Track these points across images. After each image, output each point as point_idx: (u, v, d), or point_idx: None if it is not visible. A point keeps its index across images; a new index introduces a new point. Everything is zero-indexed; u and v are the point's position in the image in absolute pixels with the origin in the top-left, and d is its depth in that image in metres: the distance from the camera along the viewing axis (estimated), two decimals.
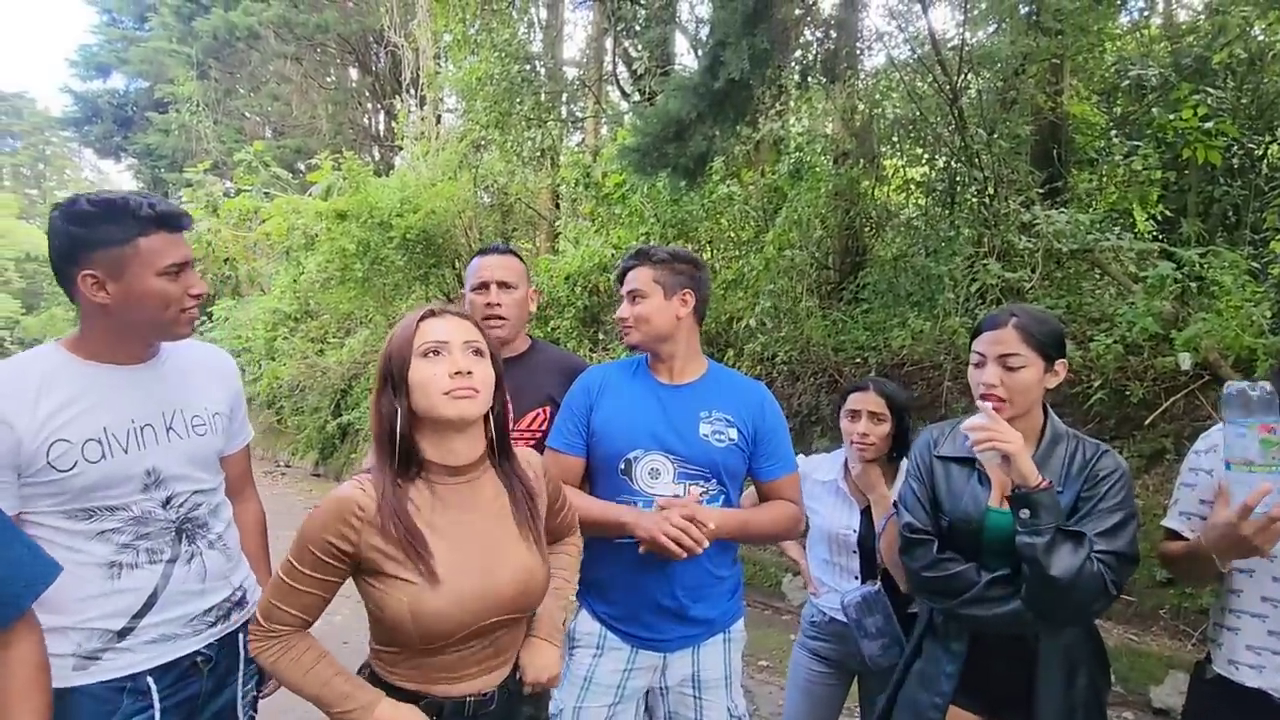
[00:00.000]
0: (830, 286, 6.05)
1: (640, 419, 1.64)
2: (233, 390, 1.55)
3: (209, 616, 1.40)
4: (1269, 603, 1.23)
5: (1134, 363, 3.91)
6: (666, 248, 1.73)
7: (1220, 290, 3.86)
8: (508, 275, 1.92)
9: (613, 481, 1.63)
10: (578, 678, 1.63)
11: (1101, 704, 1.47)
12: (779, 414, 1.73)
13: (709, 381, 1.71)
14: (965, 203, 5.53)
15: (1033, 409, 1.48)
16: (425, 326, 1.17)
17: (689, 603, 1.61)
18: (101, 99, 19.53)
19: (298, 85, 15.88)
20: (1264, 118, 5.31)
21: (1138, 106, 5.73)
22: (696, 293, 1.69)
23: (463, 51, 8.67)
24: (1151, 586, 3.47)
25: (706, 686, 1.65)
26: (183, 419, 1.39)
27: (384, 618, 1.13)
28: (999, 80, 5.37)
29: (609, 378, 1.73)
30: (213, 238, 10.61)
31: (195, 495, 1.40)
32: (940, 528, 1.51)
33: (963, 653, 1.49)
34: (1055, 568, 1.29)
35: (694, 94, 4.23)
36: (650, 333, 1.66)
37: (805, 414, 5.40)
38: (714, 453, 1.62)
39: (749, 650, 3.81)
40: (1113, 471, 1.40)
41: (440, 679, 1.18)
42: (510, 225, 10.05)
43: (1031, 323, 1.45)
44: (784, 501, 1.70)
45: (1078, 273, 4.76)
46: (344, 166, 8.58)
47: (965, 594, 1.41)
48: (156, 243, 1.25)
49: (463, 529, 1.18)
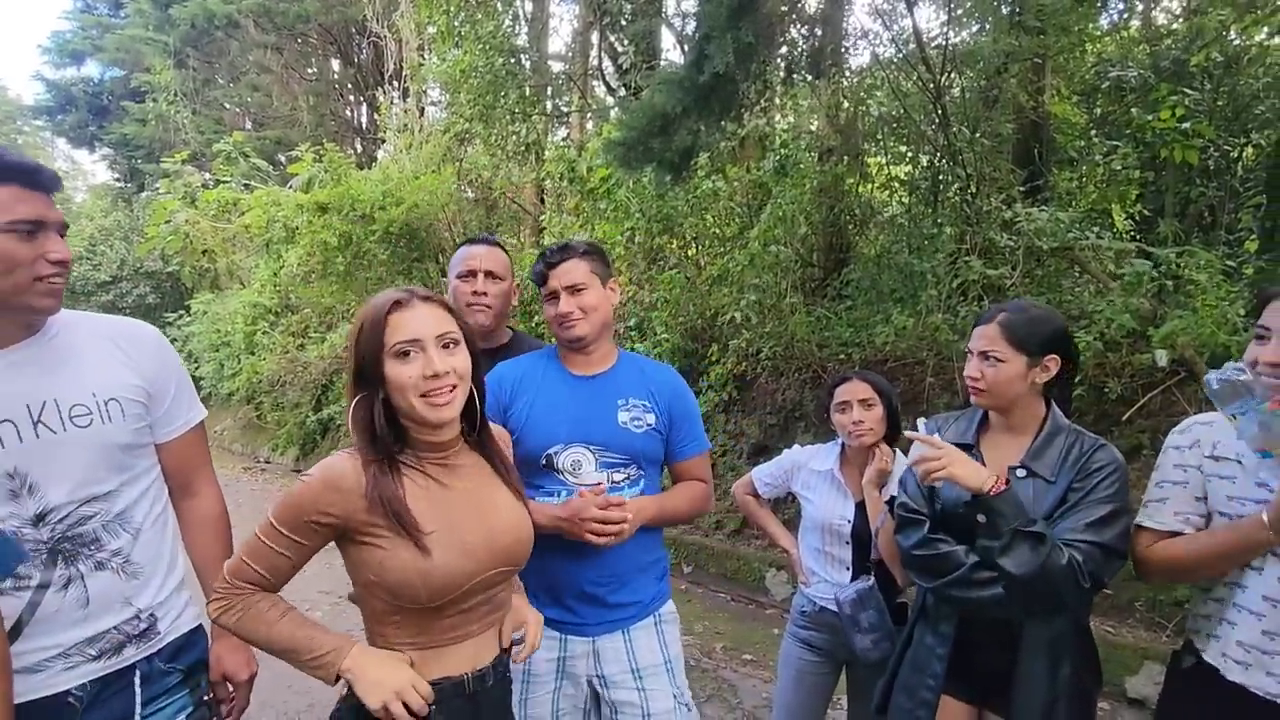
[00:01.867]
0: (814, 283, 6.07)
1: (559, 413, 1.64)
2: (156, 368, 1.33)
3: (90, 648, 1.19)
4: (1269, 602, 1.23)
5: (1112, 359, 3.96)
6: (581, 240, 1.74)
7: (1196, 289, 3.93)
8: (495, 266, 1.95)
9: (538, 476, 1.64)
10: (516, 672, 1.62)
11: (1087, 698, 1.48)
12: (690, 396, 1.79)
13: (621, 369, 1.73)
14: (948, 200, 5.58)
15: (1022, 401, 1.51)
16: (394, 321, 1.13)
17: (611, 589, 1.63)
18: (75, 87, 19.07)
19: (278, 76, 15.62)
20: (1239, 120, 5.41)
21: (1117, 107, 5.81)
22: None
23: (446, 43, 8.56)
24: (1127, 580, 3.52)
25: (647, 674, 1.64)
26: (56, 411, 1.17)
27: (388, 580, 1.11)
28: (982, 79, 5.41)
29: (521, 374, 1.70)
30: (191, 229, 10.42)
31: (83, 506, 1.20)
32: (934, 511, 1.54)
33: (951, 635, 1.53)
34: (1015, 568, 1.32)
35: (679, 88, 4.22)
36: (598, 322, 1.67)
37: (789, 409, 5.42)
38: (634, 439, 1.64)
39: (732, 644, 3.86)
40: (1106, 464, 1.41)
41: (443, 643, 1.18)
42: (494, 220, 9.96)
43: (1017, 321, 1.48)
44: (695, 481, 1.76)
45: (1058, 270, 4.81)
46: (325, 158, 8.46)
47: (953, 574, 1.43)
48: (3, 195, 1.08)
49: (454, 492, 1.20)
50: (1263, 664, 1.22)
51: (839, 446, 2.07)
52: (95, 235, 16.53)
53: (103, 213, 17.68)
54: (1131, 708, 3.18)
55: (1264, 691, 1.22)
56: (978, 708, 1.55)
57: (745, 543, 4.94)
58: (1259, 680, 1.22)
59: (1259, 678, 1.22)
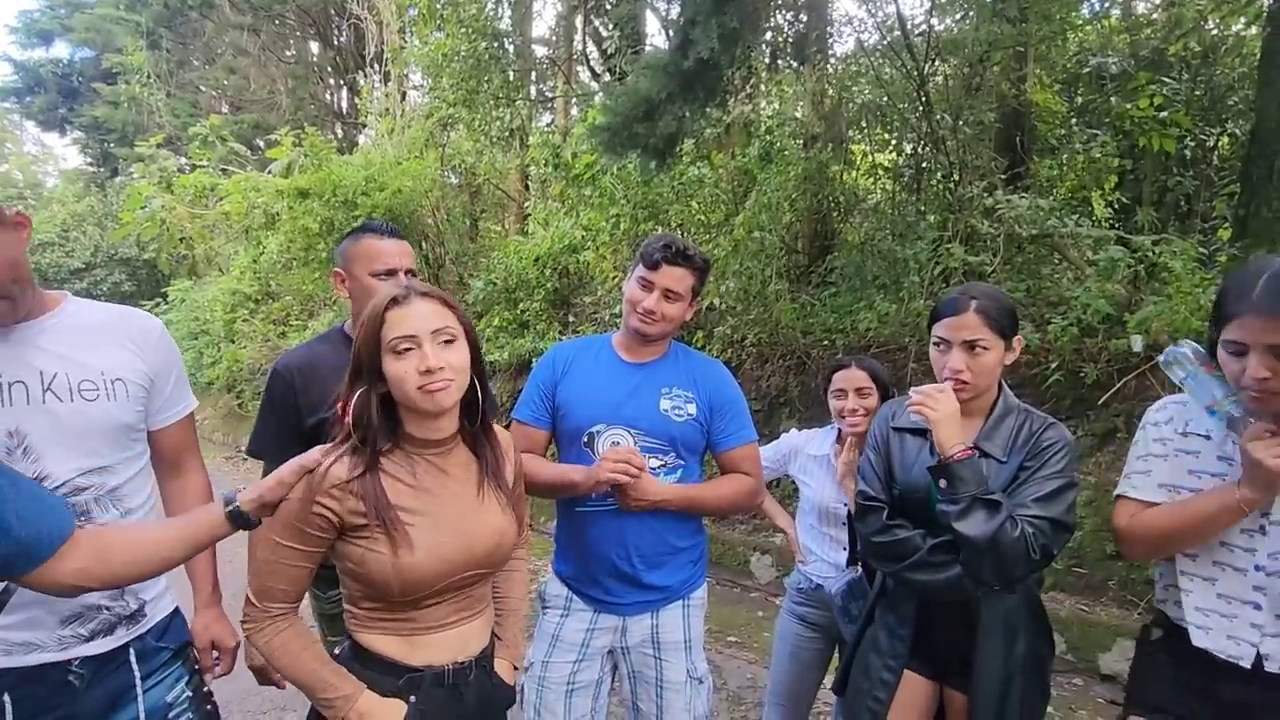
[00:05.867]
0: (799, 270, 6.10)
1: (603, 395, 1.71)
2: (156, 357, 1.40)
3: (82, 628, 1.25)
4: (1219, 566, 1.28)
5: (1089, 345, 4.03)
6: (699, 251, 1.75)
7: (1171, 276, 4.00)
8: (411, 262, 1.79)
9: (577, 453, 1.71)
10: (546, 635, 1.75)
11: (1042, 669, 1.53)
12: (736, 389, 1.82)
13: (669, 360, 1.79)
14: (931, 188, 5.62)
15: (991, 386, 1.53)
16: (391, 317, 1.15)
17: (644, 569, 1.69)
18: (44, 68, 18.60)
19: (255, 58, 15.30)
20: (1215, 110, 5.50)
21: (1097, 96, 5.88)
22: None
23: (428, 26, 8.44)
24: (1101, 559, 3.62)
25: (666, 648, 1.73)
26: (67, 382, 1.24)
27: (366, 574, 1.16)
28: (965, 67, 5.44)
29: (575, 354, 1.80)
30: (167, 215, 10.23)
31: (80, 478, 1.25)
32: (892, 497, 1.56)
33: (911, 617, 1.56)
34: (969, 530, 1.35)
35: (664, 73, 4.20)
36: (668, 330, 1.74)
37: (774, 396, 5.46)
38: (673, 427, 1.70)
39: (718, 626, 3.90)
40: (1055, 442, 1.45)
41: (418, 632, 1.21)
42: (479, 206, 9.89)
43: (991, 305, 1.49)
44: (739, 475, 1.77)
45: (1038, 257, 4.88)
46: (305, 143, 8.31)
47: (910, 559, 1.46)
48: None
49: (440, 493, 1.22)
50: (1222, 626, 1.27)
51: (835, 431, 2.11)
52: (68, 221, 16.15)
53: (75, 198, 17.28)
54: (1104, 683, 3.27)
55: (1225, 654, 1.26)
56: (938, 684, 1.59)
57: (730, 527, 4.99)
58: (1220, 643, 1.27)
59: (1219, 640, 1.27)
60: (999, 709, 1.44)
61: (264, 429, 1.77)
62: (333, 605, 1.73)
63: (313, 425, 1.71)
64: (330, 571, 1.28)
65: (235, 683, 1.63)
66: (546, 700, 1.69)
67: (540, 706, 1.70)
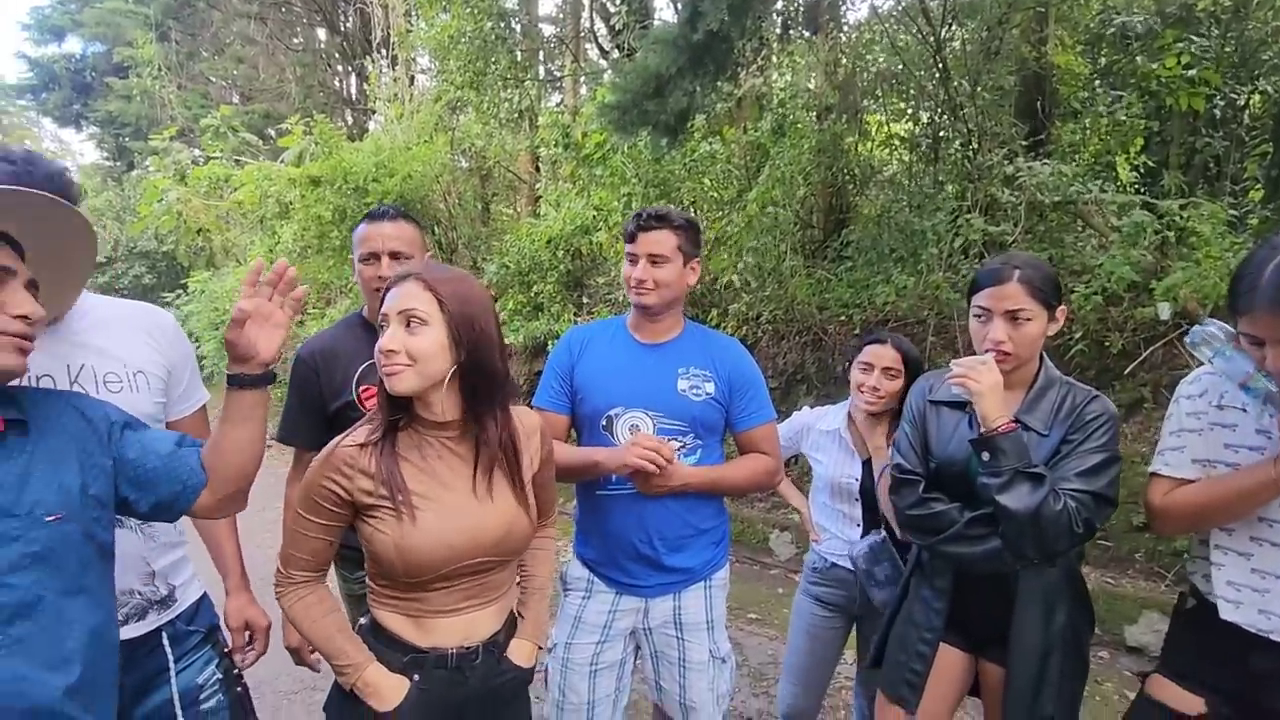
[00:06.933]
0: (814, 244, 6.02)
1: (620, 378, 1.70)
2: (173, 350, 1.43)
3: (117, 612, 1.26)
4: (1256, 542, 1.25)
5: (1114, 314, 3.94)
6: (680, 212, 1.72)
7: (1199, 240, 3.88)
8: (400, 245, 1.73)
9: (596, 436, 1.71)
10: (569, 617, 1.75)
11: (1081, 644, 1.51)
12: (754, 367, 1.79)
13: (686, 339, 1.77)
14: (949, 157, 5.48)
15: (1033, 357, 1.49)
16: (386, 296, 1.20)
17: (666, 552, 1.69)
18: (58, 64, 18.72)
19: (263, 47, 15.29)
20: (1246, 66, 5.27)
21: (1122, 56, 5.66)
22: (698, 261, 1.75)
23: (434, 8, 8.32)
24: (1128, 531, 3.57)
25: (688, 628, 1.73)
26: (93, 374, 1.28)
27: (374, 552, 1.20)
28: (983, 30, 5.27)
29: (590, 337, 1.79)
30: (183, 207, 10.32)
31: None
32: (929, 470, 1.54)
33: (947, 590, 1.55)
34: (1011, 504, 1.33)
35: (673, 48, 4.11)
36: (667, 297, 1.69)
37: (791, 373, 5.42)
38: (691, 407, 1.68)
39: (737, 603, 3.92)
40: (1098, 415, 1.41)
41: (426, 615, 1.23)
42: (490, 189, 9.84)
43: (1034, 274, 1.44)
44: (758, 455, 1.76)
45: (1060, 225, 4.76)
46: (315, 131, 8.30)
47: (947, 532, 1.45)
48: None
49: (447, 477, 1.23)
50: (1253, 601, 1.25)
51: (847, 406, 2.09)
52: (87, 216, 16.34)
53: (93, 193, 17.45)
54: (1130, 655, 3.24)
55: (1255, 628, 1.24)
56: (974, 656, 1.58)
57: (749, 505, 4.99)
58: (1250, 617, 1.25)
59: (1251, 614, 1.25)
60: (1036, 683, 1.43)
61: (290, 415, 1.81)
62: (360, 585, 1.74)
63: (336, 409, 1.73)
64: (356, 553, 1.31)
65: (266, 664, 1.67)
66: (571, 680, 1.71)
67: (565, 686, 1.71)
